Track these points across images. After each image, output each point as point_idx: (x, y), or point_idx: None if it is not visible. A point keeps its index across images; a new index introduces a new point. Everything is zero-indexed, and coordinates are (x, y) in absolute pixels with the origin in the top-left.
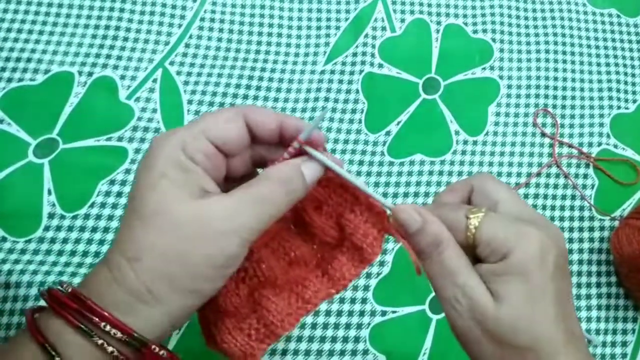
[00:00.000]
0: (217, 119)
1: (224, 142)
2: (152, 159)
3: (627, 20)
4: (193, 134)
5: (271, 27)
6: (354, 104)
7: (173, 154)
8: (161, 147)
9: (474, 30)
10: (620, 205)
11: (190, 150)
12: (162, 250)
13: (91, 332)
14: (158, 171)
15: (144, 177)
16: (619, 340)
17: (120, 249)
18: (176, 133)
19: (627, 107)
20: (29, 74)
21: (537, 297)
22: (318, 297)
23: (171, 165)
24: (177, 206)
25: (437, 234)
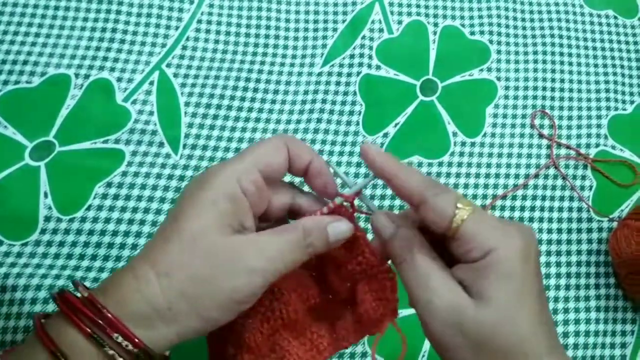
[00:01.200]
0: (267, 148)
1: (271, 170)
2: (207, 184)
3: (624, 22)
4: (247, 166)
5: (268, 29)
6: (352, 105)
7: (229, 184)
8: (218, 175)
9: (471, 32)
10: (618, 206)
11: (244, 181)
12: (193, 272)
13: (103, 342)
14: (211, 198)
15: (194, 199)
16: (618, 342)
17: (151, 260)
18: (232, 163)
19: (625, 108)
20: (25, 77)
21: (523, 297)
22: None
23: (224, 194)
24: (217, 236)
25: (409, 239)
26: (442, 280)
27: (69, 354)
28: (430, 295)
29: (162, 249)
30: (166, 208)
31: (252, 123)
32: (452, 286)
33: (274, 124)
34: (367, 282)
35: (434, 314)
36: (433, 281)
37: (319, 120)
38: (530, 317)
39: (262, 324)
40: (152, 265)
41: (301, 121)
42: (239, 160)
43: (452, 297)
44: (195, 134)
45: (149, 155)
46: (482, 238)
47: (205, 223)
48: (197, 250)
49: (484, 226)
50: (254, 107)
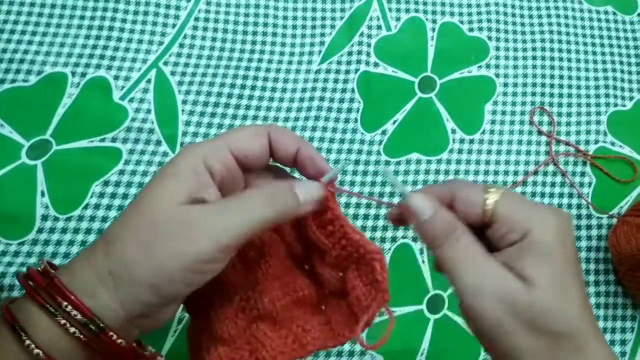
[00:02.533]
0: (243, 134)
1: (245, 155)
2: (172, 161)
3: (623, 18)
4: (217, 145)
5: (266, 26)
6: (350, 103)
7: (193, 160)
8: (184, 153)
9: (469, 29)
10: (618, 203)
11: (211, 159)
12: (135, 238)
13: (55, 312)
14: (171, 171)
15: (160, 173)
16: (617, 339)
17: (106, 231)
18: (201, 144)
19: (624, 104)
20: (21, 75)
21: (565, 279)
22: (315, 345)
23: (185, 168)
24: (171, 203)
25: (452, 221)
26: (491, 262)
27: (26, 326)
28: (480, 278)
29: (117, 221)
30: None
31: (249, 121)
32: (500, 269)
33: (272, 121)
34: (356, 267)
35: (486, 297)
36: (482, 262)
37: (317, 118)
38: (577, 299)
39: (236, 314)
40: (104, 235)
41: (299, 119)
42: (210, 141)
43: (503, 279)
44: (192, 132)
45: (146, 153)
46: (518, 218)
47: (161, 192)
48: (146, 216)
49: (517, 206)
50: (251, 105)
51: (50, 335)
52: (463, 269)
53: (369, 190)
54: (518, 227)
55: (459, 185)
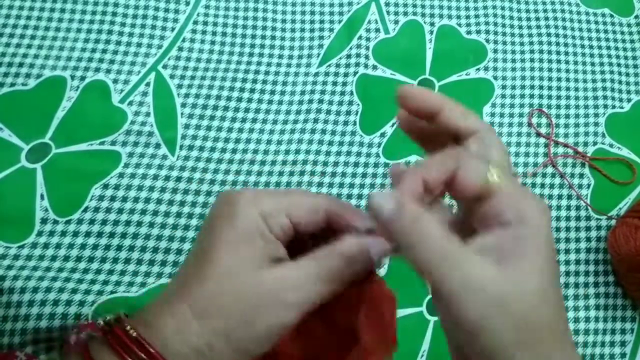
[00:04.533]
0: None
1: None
2: (237, 217)
3: (621, 20)
4: (277, 208)
5: (264, 29)
6: (349, 105)
7: (257, 222)
8: (245, 209)
9: (467, 31)
10: (616, 204)
11: (272, 223)
12: (230, 313)
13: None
14: (241, 234)
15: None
16: (617, 340)
17: (186, 299)
18: (263, 200)
19: (622, 106)
20: (21, 79)
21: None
22: None
23: (255, 231)
24: (253, 273)
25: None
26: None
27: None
28: (460, 280)
29: (198, 288)
30: (163, 209)
31: (248, 124)
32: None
33: (271, 124)
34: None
35: (470, 295)
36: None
37: (316, 121)
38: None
39: None
40: (189, 305)
41: (298, 121)
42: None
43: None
44: (191, 135)
45: (146, 156)
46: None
47: (240, 260)
48: (233, 288)
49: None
50: (250, 108)
51: None
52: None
53: (368, 192)
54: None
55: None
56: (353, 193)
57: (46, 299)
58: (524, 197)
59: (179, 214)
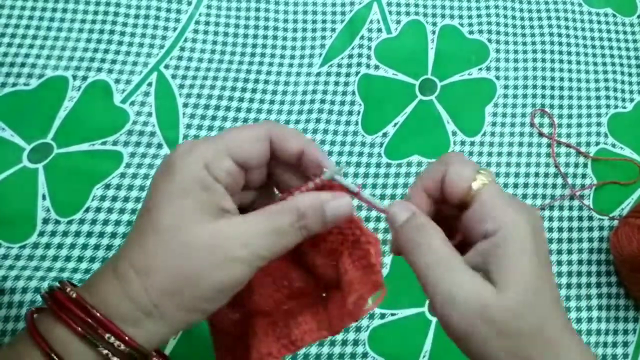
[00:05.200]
0: (244, 137)
1: (245, 161)
2: (174, 171)
3: (623, 20)
4: (217, 152)
5: (266, 29)
6: (351, 105)
7: (196, 171)
8: (184, 161)
9: (469, 31)
10: (619, 204)
11: (214, 168)
12: (172, 270)
13: (97, 342)
14: (179, 186)
15: (164, 189)
16: (620, 341)
17: (130, 259)
18: (200, 147)
19: (625, 106)
20: (23, 79)
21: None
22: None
23: (194, 182)
24: (194, 227)
25: (424, 224)
26: (463, 269)
27: (62, 354)
28: (450, 286)
29: (139, 246)
30: None
31: (250, 123)
32: (473, 275)
33: None
34: (350, 252)
35: (457, 306)
36: (452, 270)
37: (318, 120)
38: (548, 298)
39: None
40: (131, 264)
41: (300, 121)
42: (207, 143)
43: (475, 287)
44: (193, 135)
45: (147, 156)
46: (498, 209)
47: (179, 213)
48: (174, 244)
49: (500, 198)
50: (252, 108)
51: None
52: (435, 278)
53: (370, 192)
54: (495, 218)
55: (454, 159)
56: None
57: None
58: (508, 207)
59: None
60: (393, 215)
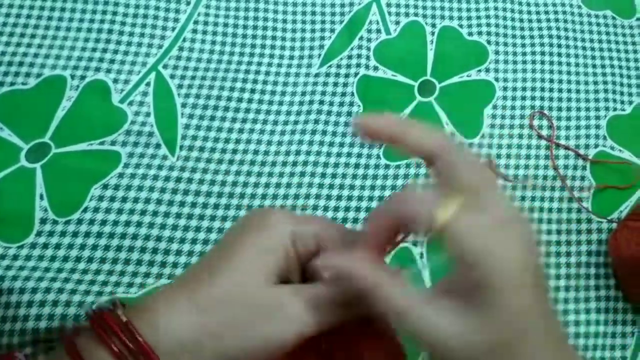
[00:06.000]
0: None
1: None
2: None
3: (622, 22)
4: (308, 230)
5: (265, 29)
6: (349, 106)
7: (286, 240)
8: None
9: (469, 33)
10: (617, 207)
11: (299, 242)
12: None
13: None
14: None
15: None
16: (618, 344)
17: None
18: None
19: (624, 108)
20: (20, 78)
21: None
22: None
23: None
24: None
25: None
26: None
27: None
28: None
29: (207, 282)
30: (163, 210)
31: (249, 124)
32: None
33: (271, 125)
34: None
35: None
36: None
37: (317, 121)
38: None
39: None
40: (191, 296)
41: (299, 122)
42: (301, 219)
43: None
44: (192, 136)
45: (146, 156)
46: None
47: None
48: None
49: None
50: (251, 108)
51: None
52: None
53: (368, 194)
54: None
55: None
56: (353, 195)
57: (45, 299)
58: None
59: (179, 214)
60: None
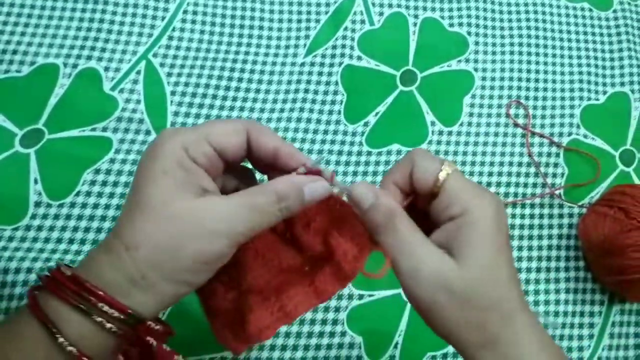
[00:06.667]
0: (222, 128)
1: (222, 151)
2: (156, 154)
3: (599, 14)
4: (197, 137)
5: (253, 19)
6: (334, 95)
7: (177, 153)
8: (166, 144)
9: (450, 24)
10: (588, 193)
11: (193, 151)
12: (157, 242)
13: (90, 311)
14: (161, 167)
15: (147, 170)
16: (586, 322)
17: (120, 236)
18: (182, 133)
19: (597, 98)
20: (15, 66)
21: (495, 257)
22: (300, 310)
23: (174, 163)
24: (176, 202)
25: (391, 207)
26: (426, 246)
27: (57, 323)
28: (415, 263)
29: (128, 224)
30: None
31: (236, 112)
32: (436, 251)
33: (258, 112)
34: (337, 227)
35: (421, 279)
36: (417, 248)
37: (302, 109)
38: (505, 276)
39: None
40: (121, 240)
41: (284, 110)
42: (188, 130)
43: (437, 262)
44: (181, 122)
45: (136, 143)
46: (462, 195)
47: (162, 191)
48: (159, 219)
49: (464, 185)
50: (238, 97)
51: (81, 332)
52: (401, 255)
53: (351, 179)
54: (460, 202)
55: (419, 155)
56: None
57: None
58: (472, 192)
59: None
60: (360, 198)
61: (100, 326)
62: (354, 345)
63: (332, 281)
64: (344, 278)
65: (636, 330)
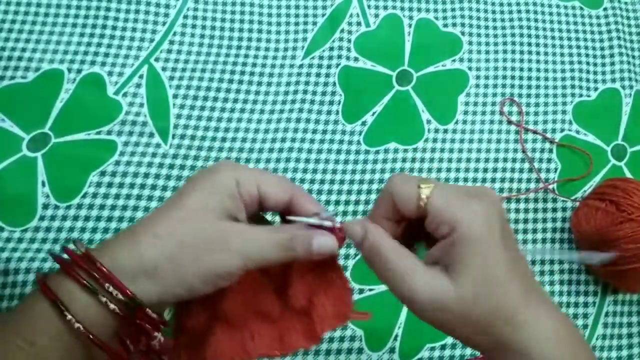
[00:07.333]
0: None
1: (264, 199)
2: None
3: (590, 12)
4: (250, 179)
5: (251, 23)
6: (331, 96)
7: (229, 183)
8: (223, 172)
9: (444, 24)
10: (581, 187)
11: (242, 188)
12: (183, 239)
13: (97, 290)
14: (211, 186)
15: (198, 184)
16: (580, 313)
17: (149, 224)
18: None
19: (589, 94)
20: (20, 72)
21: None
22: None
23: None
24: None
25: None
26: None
27: (67, 302)
28: (408, 293)
29: (161, 214)
30: (157, 194)
31: (237, 113)
32: (428, 275)
33: (258, 114)
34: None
35: (417, 305)
36: (408, 278)
37: (301, 110)
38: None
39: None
40: (147, 227)
41: (284, 110)
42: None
43: (429, 288)
44: (183, 125)
45: (140, 145)
46: (446, 213)
47: (204, 204)
48: (192, 221)
49: (447, 201)
50: (238, 99)
51: (88, 311)
52: (394, 287)
53: (349, 177)
54: (446, 220)
55: (396, 182)
56: (335, 179)
57: None
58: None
59: None
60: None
61: (104, 307)
62: (355, 338)
63: (299, 338)
64: (312, 338)
65: (629, 319)
